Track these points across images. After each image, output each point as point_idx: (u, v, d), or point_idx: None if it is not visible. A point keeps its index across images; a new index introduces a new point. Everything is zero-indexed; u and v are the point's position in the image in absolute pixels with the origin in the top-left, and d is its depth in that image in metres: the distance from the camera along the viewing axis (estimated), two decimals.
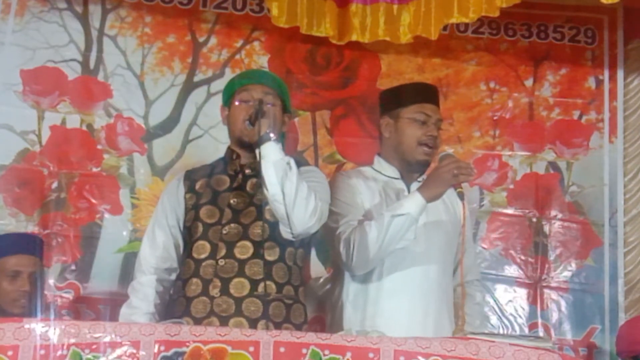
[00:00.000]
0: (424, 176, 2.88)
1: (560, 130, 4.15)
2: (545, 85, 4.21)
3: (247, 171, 2.76)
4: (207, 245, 2.67)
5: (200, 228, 2.71)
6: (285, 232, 2.62)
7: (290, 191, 2.53)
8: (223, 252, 2.64)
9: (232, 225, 2.68)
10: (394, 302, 2.76)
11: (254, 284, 2.61)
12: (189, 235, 2.74)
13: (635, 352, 3.41)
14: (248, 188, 2.74)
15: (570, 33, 4.24)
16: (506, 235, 4.01)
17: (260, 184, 2.64)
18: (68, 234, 3.82)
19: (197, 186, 2.80)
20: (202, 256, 2.67)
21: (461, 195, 2.67)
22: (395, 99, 2.97)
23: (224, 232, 2.67)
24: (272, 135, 2.59)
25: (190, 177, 2.86)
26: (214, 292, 2.60)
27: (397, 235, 2.68)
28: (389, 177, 2.94)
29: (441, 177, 2.68)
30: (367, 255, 2.70)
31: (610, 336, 3.82)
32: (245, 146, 2.76)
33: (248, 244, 2.65)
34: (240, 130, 2.74)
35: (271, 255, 2.66)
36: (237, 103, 2.77)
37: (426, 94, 2.98)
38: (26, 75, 3.94)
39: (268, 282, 2.61)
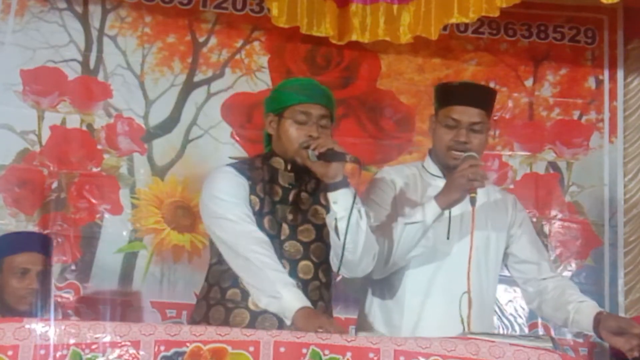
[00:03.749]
0: None
1: (560, 130, 4.16)
2: (545, 85, 4.21)
3: (303, 185, 2.67)
4: None
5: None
6: (343, 272, 2.59)
7: (360, 241, 2.50)
8: (287, 269, 2.55)
9: (292, 242, 2.59)
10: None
11: (313, 304, 2.51)
12: None
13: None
14: (301, 204, 2.66)
15: (570, 33, 4.24)
16: None
17: (314, 201, 2.65)
18: (68, 234, 3.82)
19: (258, 189, 2.63)
20: None
21: (473, 201, 2.62)
22: (437, 98, 2.87)
23: (285, 248, 2.58)
24: (348, 180, 2.51)
25: (246, 174, 2.63)
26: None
27: (411, 243, 2.64)
28: (432, 175, 2.89)
29: (456, 182, 2.62)
30: (379, 264, 2.69)
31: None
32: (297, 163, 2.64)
33: (309, 264, 2.60)
34: (297, 152, 2.59)
35: (325, 277, 2.64)
36: (290, 122, 2.63)
37: (461, 94, 2.80)
38: (26, 75, 3.94)
39: (321, 303, 2.60)
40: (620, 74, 4.20)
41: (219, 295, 2.60)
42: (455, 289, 2.69)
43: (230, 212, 2.53)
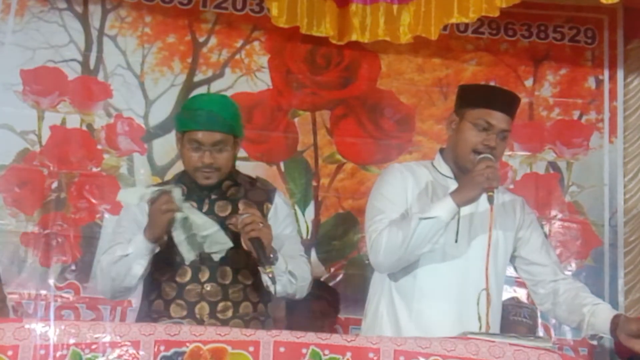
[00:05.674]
0: None
1: (560, 130, 4.16)
2: (545, 85, 4.21)
3: (213, 196, 2.75)
4: (189, 270, 2.69)
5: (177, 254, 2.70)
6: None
7: (295, 294, 2.73)
8: (207, 276, 2.69)
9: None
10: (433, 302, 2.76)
11: (236, 305, 2.69)
12: (162, 259, 2.71)
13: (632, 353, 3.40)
14: (217, 211, 2.74)
15: (570, 33, 4.24)
16: None
17: (228, 206, 2.73)
18: (68, 234, 3.82)
19: None
20: (185, 280, 2.69)
21: (490, 199, 2.62)
22: (466, 97, 2.85)
23: (203, 255, 2.69)
24: (273, 256, 2.59)
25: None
26: (204, 315, 2.66)
27: (425, 239, 2.63)
28: (443, 175, 2.89)
29: (474, 180, 2.61)
30: (392, 258, 2.68)
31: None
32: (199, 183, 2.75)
33: (228, 269, 2.70)
34: (196, 170, 2.71)
35: (247, 280, 2.73)
36: (187, 146, 2.71)
37: (498, 100, 2.80)
38: (26, 75, 3.94)
39: (246, 303, 2.72)
40: (620, 74, 4.21)
41: (146, 308, 2.75)
42: (466, 289, 2.69)
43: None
